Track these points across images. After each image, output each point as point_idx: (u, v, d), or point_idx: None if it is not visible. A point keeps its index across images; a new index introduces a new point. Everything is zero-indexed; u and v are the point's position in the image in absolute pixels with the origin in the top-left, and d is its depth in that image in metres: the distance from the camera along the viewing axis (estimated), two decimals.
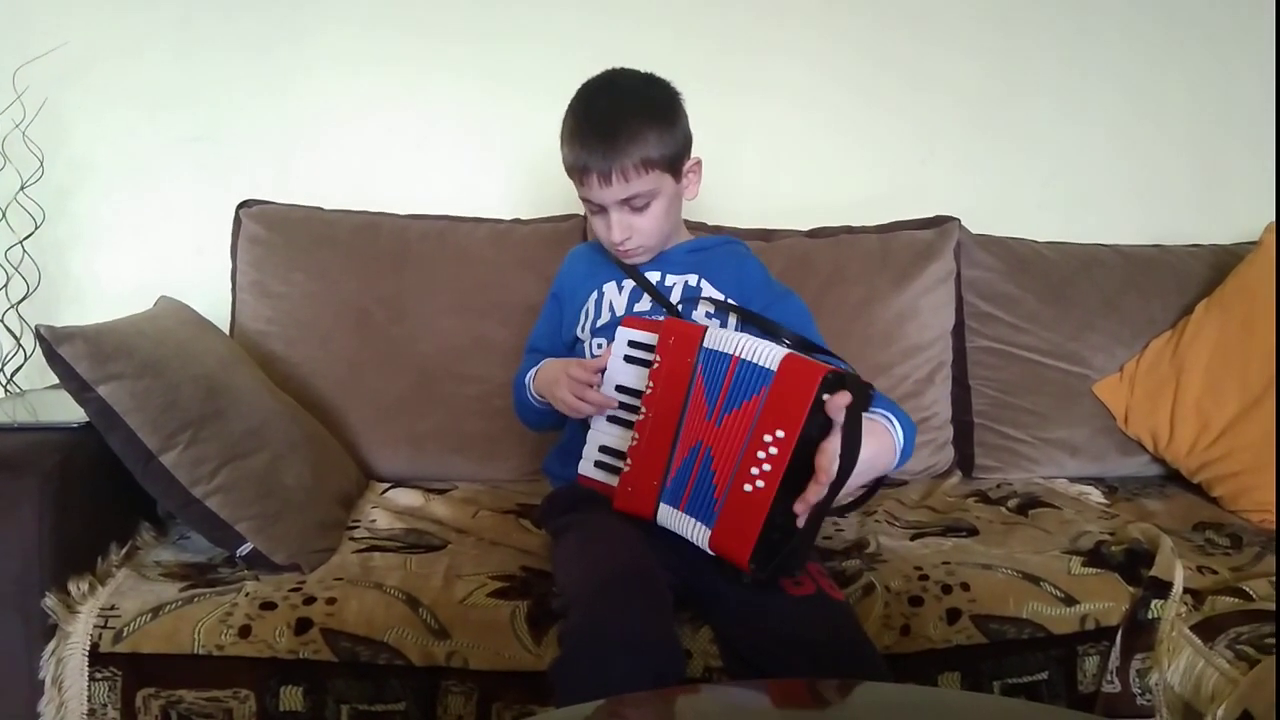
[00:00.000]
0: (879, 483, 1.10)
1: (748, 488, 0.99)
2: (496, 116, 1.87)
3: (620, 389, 1.15)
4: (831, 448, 0.95)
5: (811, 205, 1.86)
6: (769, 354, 1.01)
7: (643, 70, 1.25)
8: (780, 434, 0.97)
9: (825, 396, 0.95)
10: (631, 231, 1.23)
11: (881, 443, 1.04)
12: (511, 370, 1.41)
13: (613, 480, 1.14)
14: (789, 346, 1.04)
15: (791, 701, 0.86)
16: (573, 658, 0.97)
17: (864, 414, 0.99)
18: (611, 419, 1.17)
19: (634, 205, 1.21)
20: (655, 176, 1.20)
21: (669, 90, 1.24)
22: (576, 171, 1.21)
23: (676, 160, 1.22)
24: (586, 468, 1.18)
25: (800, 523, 0.98)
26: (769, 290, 1.30)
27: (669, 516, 1.08)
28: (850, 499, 1.12)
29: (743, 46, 1.90)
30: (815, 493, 0.96)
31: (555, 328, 1.38)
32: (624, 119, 1.18)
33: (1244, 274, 1.71)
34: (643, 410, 1.11)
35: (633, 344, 1.15)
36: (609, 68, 1.26)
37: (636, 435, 1.11)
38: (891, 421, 1.07)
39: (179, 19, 1.79)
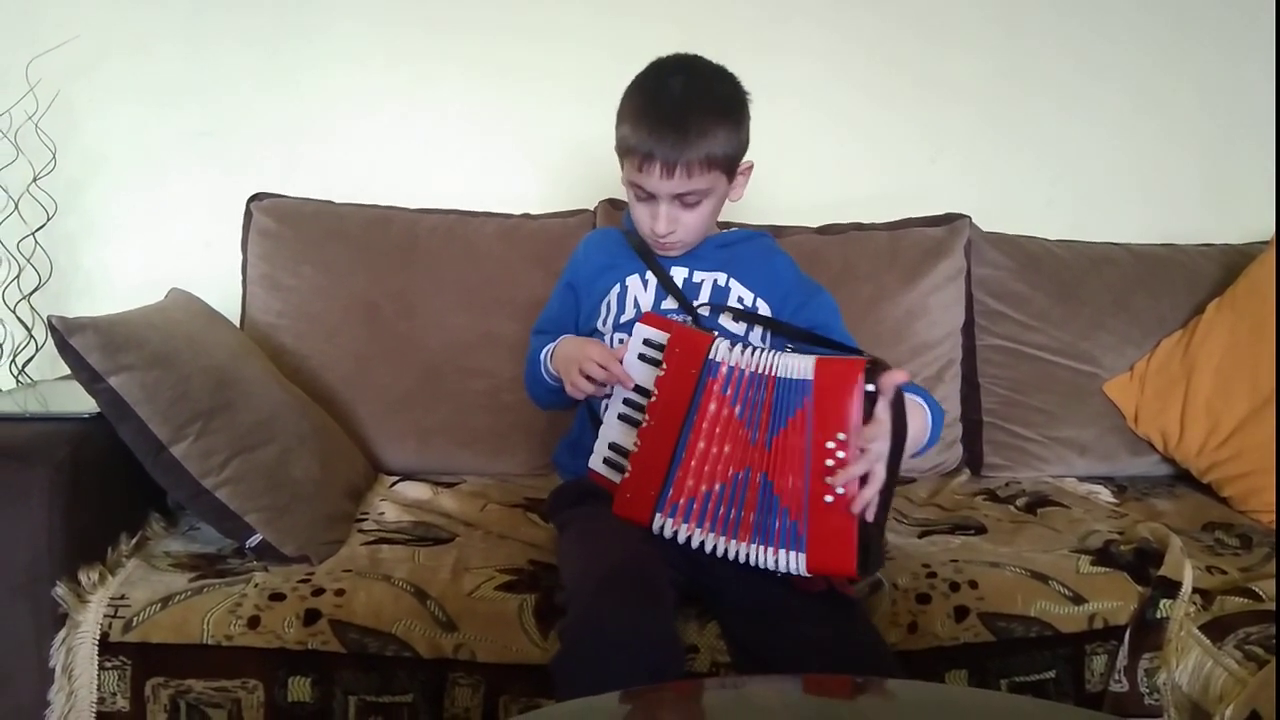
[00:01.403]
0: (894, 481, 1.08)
1: (829, 499, 0.98)
2: (506, 111, 1.87)
3: (635, 388, 1.14)
4: (880, 427, 0.97)
5: (820, 205, 1.86)
6: (798, 365, 1.01)
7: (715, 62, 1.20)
8: (841, 436, 0.97)
9: (870, 387, 0.96)
10: (677, 226, 1.19)
11: (916, 417, 1.06)
12: (520, 365, 1.41)
13: (618, 479, 1.13)
14: (809, 350, 1.04)
15: (799, 697, 0.85)
16: (571, 654, 0.97)
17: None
18: (622, 417, 1.15)
19: (686, 201, 1.17)
20: (714, 176, 1.16)
21: (740, 88, 1.19)
22: (638, 155, 1.14)
23: (735, 161, 1.19)
24: (596, 463, 1.16)
25: (870, 515, 0.98)
26: (802, 289, 1.27)
27: (713, 540, 1.05)
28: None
29: (750, 45, 1.88)
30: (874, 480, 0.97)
31: (568, 315, 1.34)
32: (697, 111, 1.12)
33: (1255, 274, 1.70)
34: (646, 417, 1.09)
35: (647, 342, 1.14)
36: (679, 52, 1.19)
37: (639, 442, 1.09)
38: (921, 400, 1.10)
39: (189, 13, 1.79)
